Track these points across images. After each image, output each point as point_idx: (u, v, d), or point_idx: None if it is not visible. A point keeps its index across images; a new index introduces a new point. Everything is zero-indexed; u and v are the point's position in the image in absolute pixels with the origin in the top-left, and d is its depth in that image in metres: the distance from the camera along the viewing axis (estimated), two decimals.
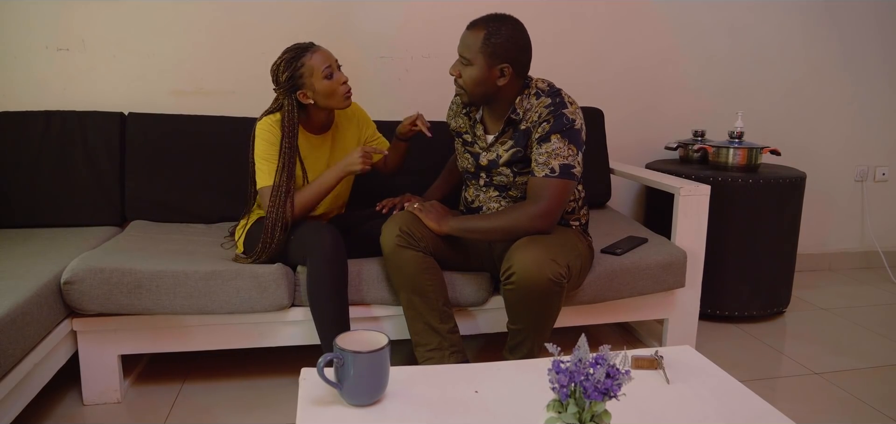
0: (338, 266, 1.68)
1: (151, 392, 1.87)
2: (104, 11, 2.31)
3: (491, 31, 1.64)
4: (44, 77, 2.31)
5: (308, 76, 1.76)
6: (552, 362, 0.91)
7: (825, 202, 3.19)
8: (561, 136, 1.65)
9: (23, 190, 2.14)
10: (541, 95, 1.71)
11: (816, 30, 3.00)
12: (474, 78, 1.67)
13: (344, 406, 1.09)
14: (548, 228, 1.67)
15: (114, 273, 1.65)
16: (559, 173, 1.64)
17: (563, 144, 1.64)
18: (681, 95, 2.91)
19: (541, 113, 1.67)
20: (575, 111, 1.68)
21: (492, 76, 1.67)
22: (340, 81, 1.79)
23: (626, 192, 2.94)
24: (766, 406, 1.14)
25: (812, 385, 2.01)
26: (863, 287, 2.98)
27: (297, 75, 1.76)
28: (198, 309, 1.71)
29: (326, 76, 1.76)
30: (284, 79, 1.77)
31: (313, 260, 1.67)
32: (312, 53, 1.77)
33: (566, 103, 1.68)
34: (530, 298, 1.58)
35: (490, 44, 1.64)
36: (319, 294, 1.68)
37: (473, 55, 1.66)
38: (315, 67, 1.75)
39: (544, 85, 1.74)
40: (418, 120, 1.87)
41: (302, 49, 1.78)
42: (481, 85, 1.68)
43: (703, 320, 2.46)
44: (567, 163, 1.65)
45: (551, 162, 1.64)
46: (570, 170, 1.65)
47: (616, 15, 2.76)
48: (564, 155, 1.65)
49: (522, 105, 1.71)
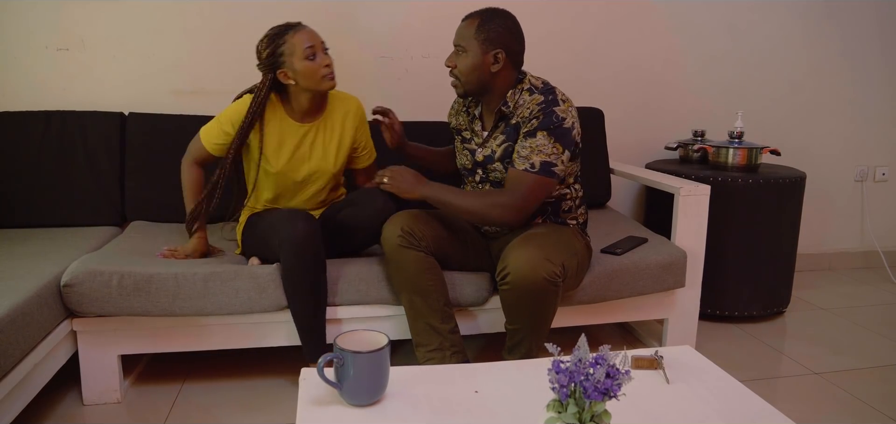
0: (310, 257, 1.65)
1: (151, 392, 1.87)
2: (104, 11, 2.31)
3: (485, 19, 1.69)
4: (44, 77, 2.31)
5: (289, 55, 1.73)
6: (552, 362, 0.91)
7: (825, 202, 3.19)
8: (548, 133, 1.64)
9: (23, 190, 2.14)
10: (534, 91, 1.71)
11: (816, 30, 3.00)
12: (469, 65, 1.69)
13: (344, 406, 1.09)
14: (517, 222, 1.68)
15: (113, 276, 1.65)
16: (538, 170, 1.64)
17: (548, 141, 1.64)
18: (681, 95, 2.91)
19: (532, 109, 1.67)
20: (566, 110, 1.67)
21: (486, 62, 1.68)
22: (323, 64, 1.75)
23: (626, 192, 2.94)
24: (766, 406, 1.14)
25: (812, 385, 2.01)
26: (863, 287, 2.98)
27: (278, 53, 1.73)
28: (196, 311, 1.71)
29: (308, 56, 1.73)
30: (266, 56, 1.75)
31: (284, 250, 1.65)
32: (296, 31, 1.74)
33: (558, 101, 1.67)
34: (526, 297, 1.58)
35: (484, 30, 1.67)
36: (291, 286, 1.68)
37: (468, 42, 1.69)
38: (297, 45, 1.72)
39: (539, 82, 1.74)
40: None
41: (287, 27, 1.76)
42: (476, 71, 1.69)
43: (703, 320, 2.46)
44: (548, 160, 1.64)
45: (532, 157, 1.64)
46: (550, 168, 1.65)
47: (616, 14, 2.76)
48: (547, 152, 1.64)
49: (514, 98, 1.72)
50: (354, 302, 1.82)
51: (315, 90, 1.79)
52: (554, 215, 1.80)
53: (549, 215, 1.79)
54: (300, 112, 1.84)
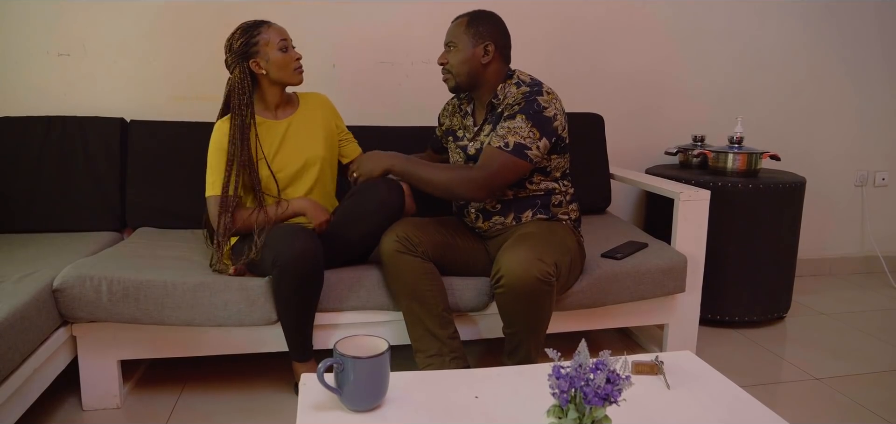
0: (301, 277, 1.62)
1: (151, 397, 1.86)
2: (105, 16, 2.32)
3: (473, 17, 1.78)
4: (44, 82, 2.32)
5: (263, 45, 1.78)
6: (552, 367, 0.91)
7: (825, 207, 3.19)
8: (526, 118, 1.68)
9: (23, 195, 2.14)
10: (521, 85, 1.77)
11: (816, 35, 3.01)
12: (460, 58, 1.77)
13: (344, 412, 1.09)
14: (484, 198, 1.71)
15: (102, 282, 1.64)
16: (511, 149, 1.67)
17: (525, 124, 1.68)
18: (681, 100, 2.92)
19: (516, 98, 1.73)
20: (550, 101, 1.71)
21: (476, 55, 1.75)
22: (295, 57, 1.82)
23: (626, 197, 2.94)
24: (766, 411, 1.14)
25: (812, 390, 2.00)
26: (863, 292, 2.97)
27: (252, 43, 1.77)
28: (185, 321, 1.69)
29: (281, 48, 1.79)
30: (238, 45, 1.78)
31: (276, 267, 1.63)
32: (269, 26, 1.81)
33: (542, 93, 1.72)
34: (520, 299, 1.58)
35: (473, 25, 1.76)
36: (279, 303, 1.68)
37: (458, 38, 1.76)
38: (271, 38, 1.78)
39: (527, 77, 1.80)
40: None
41: (259, 22, 1.81)
42: (467, 64, 1.76)
43: (704, 325, 2.45)
44: (523, 143, 1.67)
45: (508, 137, 1.68)
46: (523, 150, 1.67)
47: (616, 20, 2.77)
48: (523, 135, 1.68)
49: (503, 91, 1.78)
50: (354, 308, 1.82)
51: (285, 82, 1.84)
52: (544, 209, 1.81)
53: (539, 208, 1.81)
54: (274, 107, 1.87)
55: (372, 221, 1.79)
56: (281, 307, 1.69)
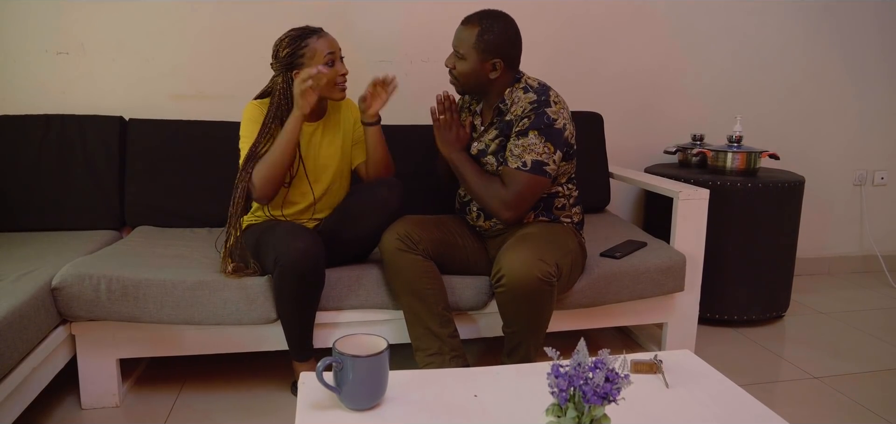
0: (302, 277, 1.62)
1: (150, 396, 1.86)
2: (104, 15, 2.31)
3: (484, 27, 1.71)
4: (43, 81, 2.31)
5: (309, 57, 1.75)
6: (551, 366, 0.91)
7: (824, 207, 3.19)
8: (538, 133, 1.68)
9: (22, 194, 2.13)
10: (529, 90, 1.75)
11: (815, 34, 3.01)
12: (467, 72, 1.75)
13: (343, 411, 1.09)
14: (512, 219, 1.73)
15: (101, 280, 1.64)
16: (530, 168, 1.68)
17: (539, 141, 1.68)
18: (680, 99, 2.92)
19: (524, 108, 1.71)
20: (558, 111, 1.70)
21: (484, 70, 1.74)
22: (340, 72, 1.78)
23: (625, 196, 2.94)
24: (765, 410, 1.14)
25: (811, 389, 2.01)
26: (862, 291, 2.98)
27: (298, 53, 1.75)
28: (184, 320, 1.70)
29: (328, 63, 1.75)
30: (284, 55, 1.75)
31: (277, 267, 1.63)
32: (319, 36, 1.77)
33: (550, 102, 1.71)
34: (521, 299, 1.58)
35: (483, 40, 1.71)
36: (279, 302, 1.68)
37: (467, 50, 1.73)
38: (319, 50, 1.75)
39: (534, 82, 1.78)
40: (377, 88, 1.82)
41: (309, 31, 1.78)
42: (474, 77, 1.76)
43: (703, 324, 2.45)
44: (540, 159, 1.68)
45: (524, 156, 1.69)
46: (541, 166, 1.68)
47: (615, 19, 2.77)
48: (539, 152, 1.68)
49: (511, 96, 1.77)
50: (354, 307, 1.82)
51: (326, 97, 1.81)
52: (546, 212, 1.82)
53: (541, 210, 1.81)
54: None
55: (372, 220, 1.79)
56: (281, 307, 1.69)
